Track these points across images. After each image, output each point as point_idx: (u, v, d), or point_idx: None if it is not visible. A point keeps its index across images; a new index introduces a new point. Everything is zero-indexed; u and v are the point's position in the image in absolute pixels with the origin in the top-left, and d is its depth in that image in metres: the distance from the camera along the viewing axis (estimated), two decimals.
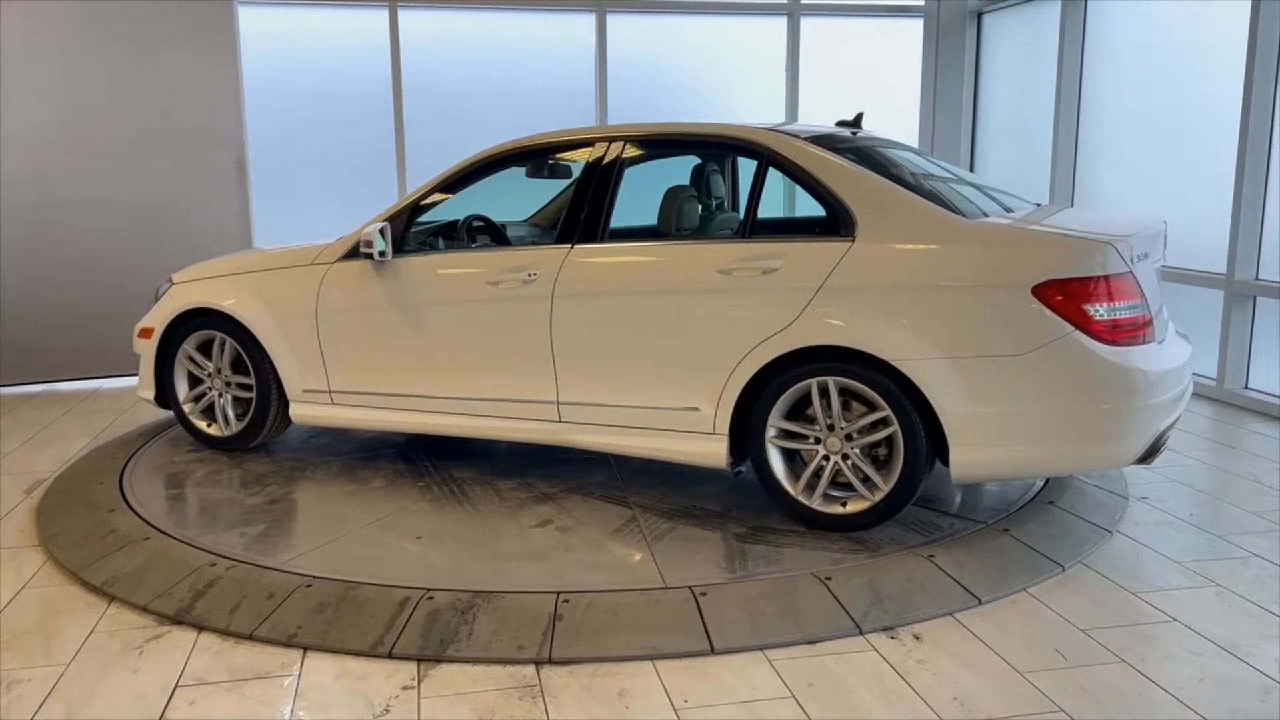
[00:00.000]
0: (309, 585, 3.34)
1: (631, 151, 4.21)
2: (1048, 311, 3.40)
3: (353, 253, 4.48)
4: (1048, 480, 4.32)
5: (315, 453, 4.97)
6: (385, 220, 4.41)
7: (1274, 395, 5.70)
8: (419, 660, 2.93)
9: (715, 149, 4.30)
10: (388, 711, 2.68)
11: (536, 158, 4.58)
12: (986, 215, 3.81)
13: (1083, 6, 7.21)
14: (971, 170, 8.73)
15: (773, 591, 3.29)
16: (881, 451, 3.70)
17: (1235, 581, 3.43)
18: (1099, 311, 3.41)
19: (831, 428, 3.70)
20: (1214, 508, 4.14)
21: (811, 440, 3.75)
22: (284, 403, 4.76)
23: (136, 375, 5.18)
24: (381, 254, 4.34)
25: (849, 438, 3.68)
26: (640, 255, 4.05)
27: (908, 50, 8.61)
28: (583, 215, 4.14)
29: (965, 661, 2.90)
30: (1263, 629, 3.09)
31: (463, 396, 4.33)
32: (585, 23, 8.10)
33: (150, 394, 5.01)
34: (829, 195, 3.78)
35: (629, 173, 4.25)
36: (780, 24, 8.42)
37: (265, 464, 4.78)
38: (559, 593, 3.26)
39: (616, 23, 8.13)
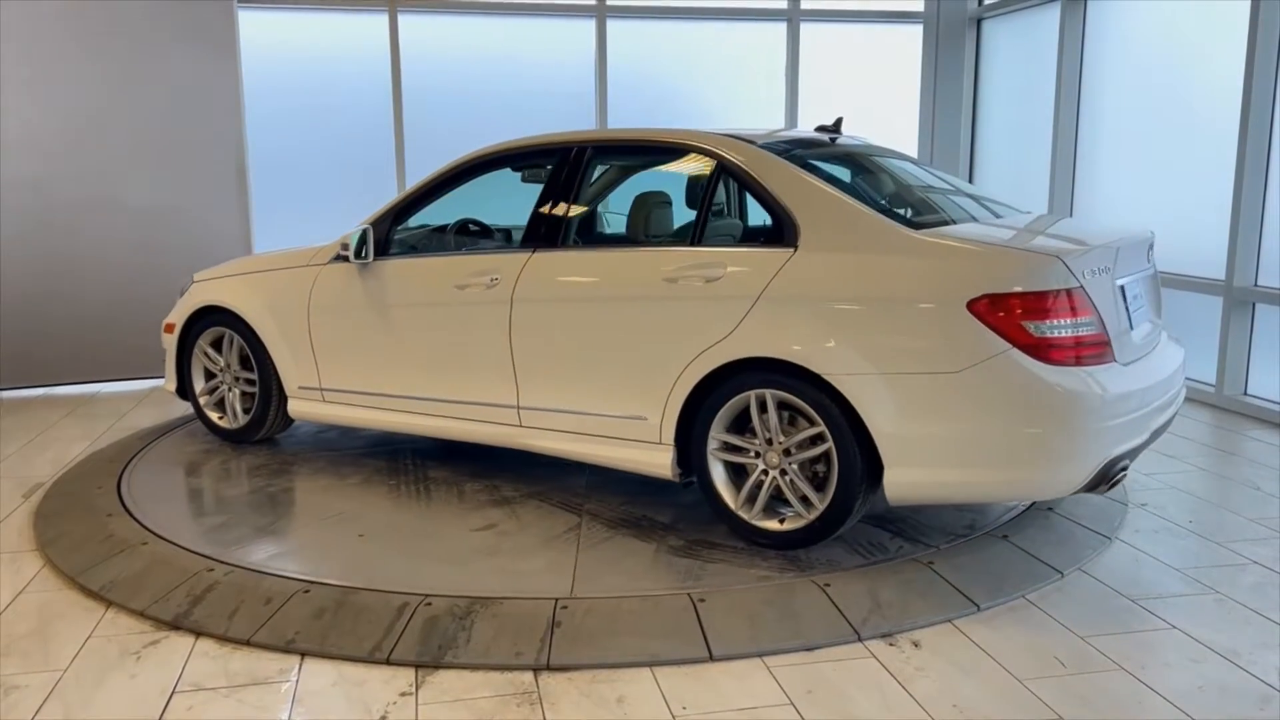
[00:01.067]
0: (307, 591, 3.33)
1: (592, 158, 4.24)
2: (983, 327, 3.23)
3: (341, 255, 4.63)
4: None
5: (316, 448, 5.08)
6: (369, 224, 4.54)
7: (1273, 402, 5.70)
8: (417, 666, 2.93)
9: (671, 155, 4.21)
10: (385, 718, 2.67)
11: (507, 163, 4.54)
12: (951, 223, 3.69)
13: (1082, 12, 7.23)
14: (971, 176, 8.74)
15: (771, 598, 3.28)
16: (821, 468, 3.56)
17: (1235, 589, 3.42)
18: (1039, 329, 3.22)
19: (770, 442, 3.59)
20: (1213, 514, 4.14)
21: (752, 454, 3.65)
22: (284, 399, 4.91)
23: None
24: (359, 256, 4.48)
25: (787, 453, 3.56)
26: (593, 261, 4.05)
27: (908, 56, 8.62)
28: (545, 221, 4.18)
29: (964, 668, 2.90)
30: (1263, 636, 3.09)
31: (432, 398, 4.42)
32: (585, 28, 8.11)
33: (173, 386, 5.26)
34: (774, 203, 3.69)
35: (630, 179, 4.32)
36: (780, 30, 8.44)
37: (262, 458, 4.92)
38: (557, 599, 3.26)
39: (617, 28, 8.14)
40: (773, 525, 3.63)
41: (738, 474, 3.72)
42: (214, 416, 5.16)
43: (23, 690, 2.81)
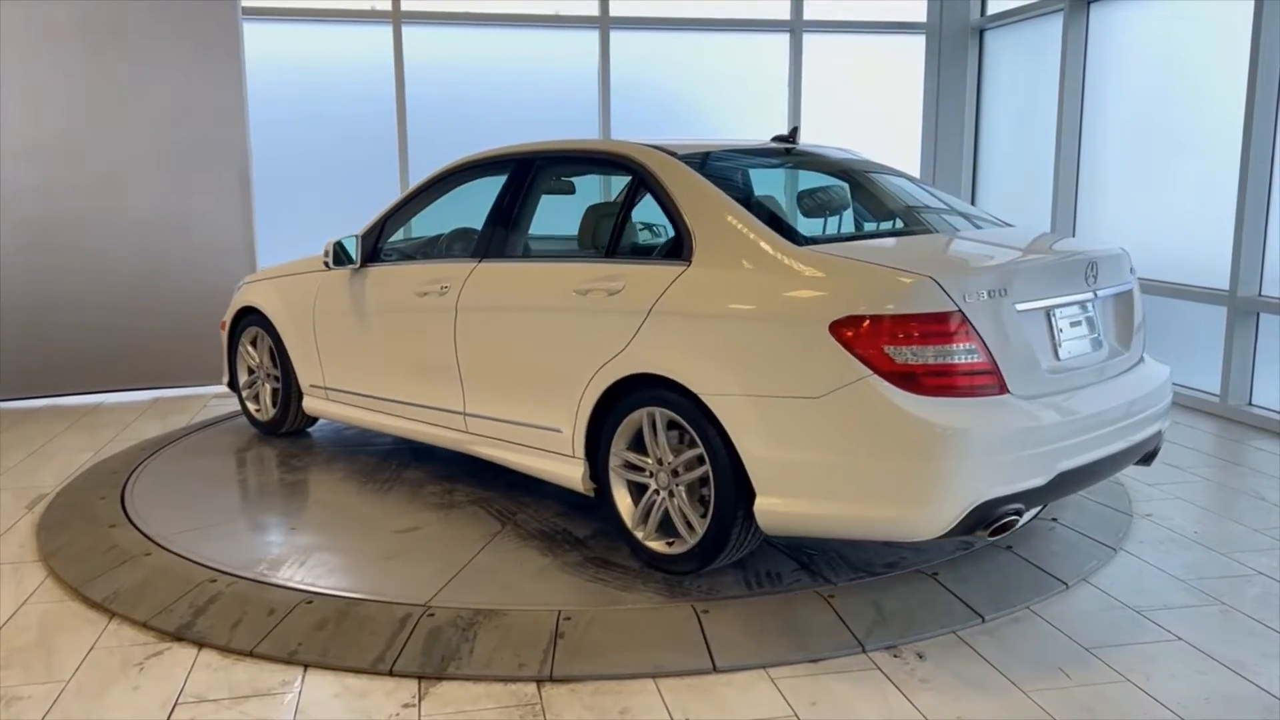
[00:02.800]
0: (309, 602, 3.33)
1: (534, 169, 4.30)
2: (843, 351, 3.03)
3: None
4: None
5: (333, 444, 5.38)
6: (360, 233, 4.80)
7: (1277, 412, 5.69)
8: (420, 678, 2.92)
9: (599, 165, 4.17)
10: None
11: (471, 175, 4.64)
12: (864, 239, 3.63)
13: (1084, 23, 7.24)
14: (973, 186, 8.74)
15: (775, 609, 3.27)
16: (707, 492, 3.39)
17: (1240, 600, 3.41)
18: (901, 355, 3.00)
19: (661, 462, 3.50)
20: (1218, 525, 4.13)
21: (647, 474, 3.56)
22: (301, 395, 5.25)
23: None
24: (338, 263, 4.76)
25: (675, 474, 3.46)
26: (522, 273, 4.11)
27: (910, 66, 8.64)
28: (491, 230, 4.28)
29: (969, 680, 2.89)
30: (1268, 647, 3.07)
31: (401, 400, 4.60)
32: (589, 39, 8.14)
33: (226, 380, 5.69)
34: (677, 216, 3.61)
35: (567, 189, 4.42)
36: (783, 40, 8.46)
37: (273, 449, 5.30)
38: (560, 610, 3.25)
39: (620, 39, 8.16)
40: (661, 547, 3.53)
41: (639, 492, 3.62)
42: (251, 408, 5.56)
43: (25, 701, 2.81)
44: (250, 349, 5.48)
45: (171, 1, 6.32)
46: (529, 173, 4.28)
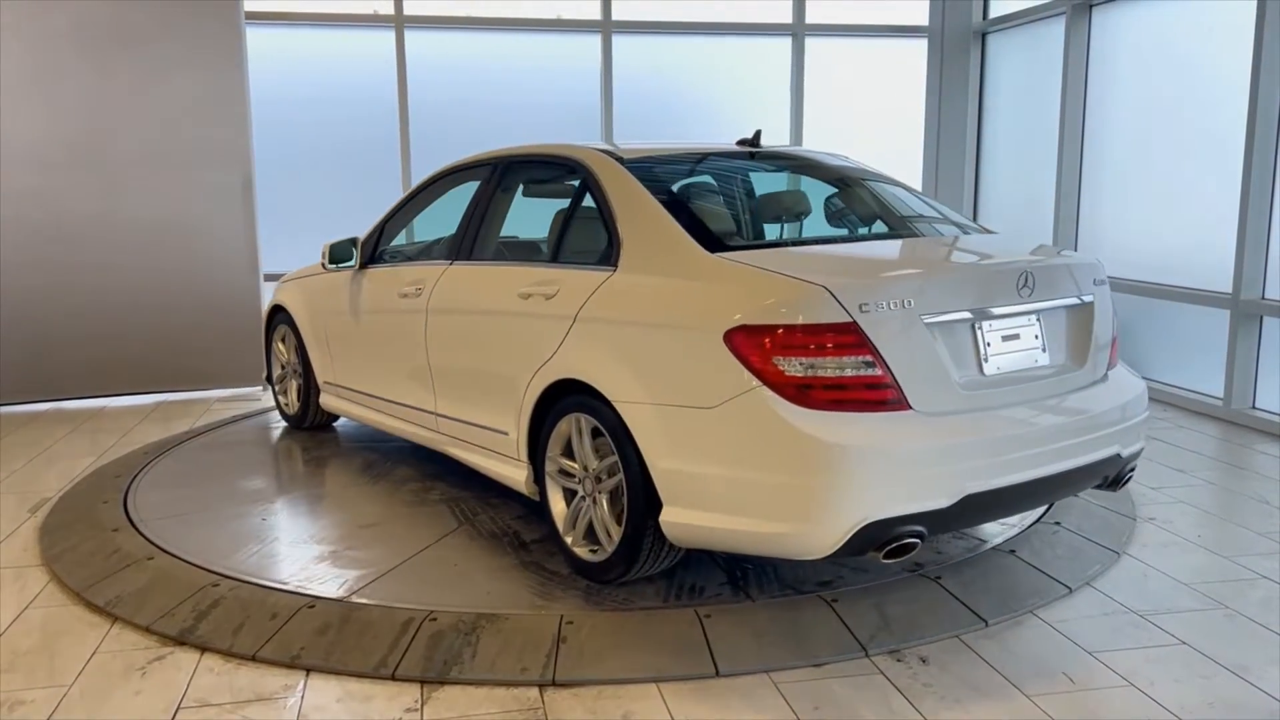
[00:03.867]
0: (312, 606, 3.32)
1: (501, 173, 4.36)
2: (735, 361, 2.97)
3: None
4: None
5: (347, 439, 5.55)
6: (363, 236, 4.98)
7: None
8: (422, 682, 2.92)
9: (554, 168, 4.15)
10: None
11: (454, 179, 4.74)
12: (795, 245, 3.57)
13: (1087, 26, 7.24)
14: (975, 190, 8.74)
15: (778, 614, 3.27)
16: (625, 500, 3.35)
17: (1244, 604, 3.40)
18: (791, 366, 2.91)
19: (586, 468, 3.49)
20: (1221, 529, 4.12)
21: (576, 480, 3.55)
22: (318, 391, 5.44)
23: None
24: (332, 263, 4.96)
25: (598, 480, 3.44)
26: (480, 275, 4.17)
27: (912, 70, 8.64)
28: (463, 233, 4.37)
29: (972, 684, 2.88)
30: (1272, 652, 3.07)
31: (388, 398, 4.74)
32: (591, 43, 8.15)
33: (264, 374, 6.04)
34: (610, 221, 3.59)
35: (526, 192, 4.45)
36: (785, 44, 8.46)
37: (275, 449, 5.43)
38: (563, 615, 3.25)
39: (622, 44, 8.17)
40: (585, 553, 3.51)
41: (571, 498, 3.62)
42: (281, 402, 5.81)
43: (28, 706, 2.81)
44: (281, 346, 5.72)
45: (175, 6, 6.33)
46: (494, 177, 4.37)
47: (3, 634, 3.25)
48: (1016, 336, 3.28)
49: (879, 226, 3.98)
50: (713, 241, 3.36)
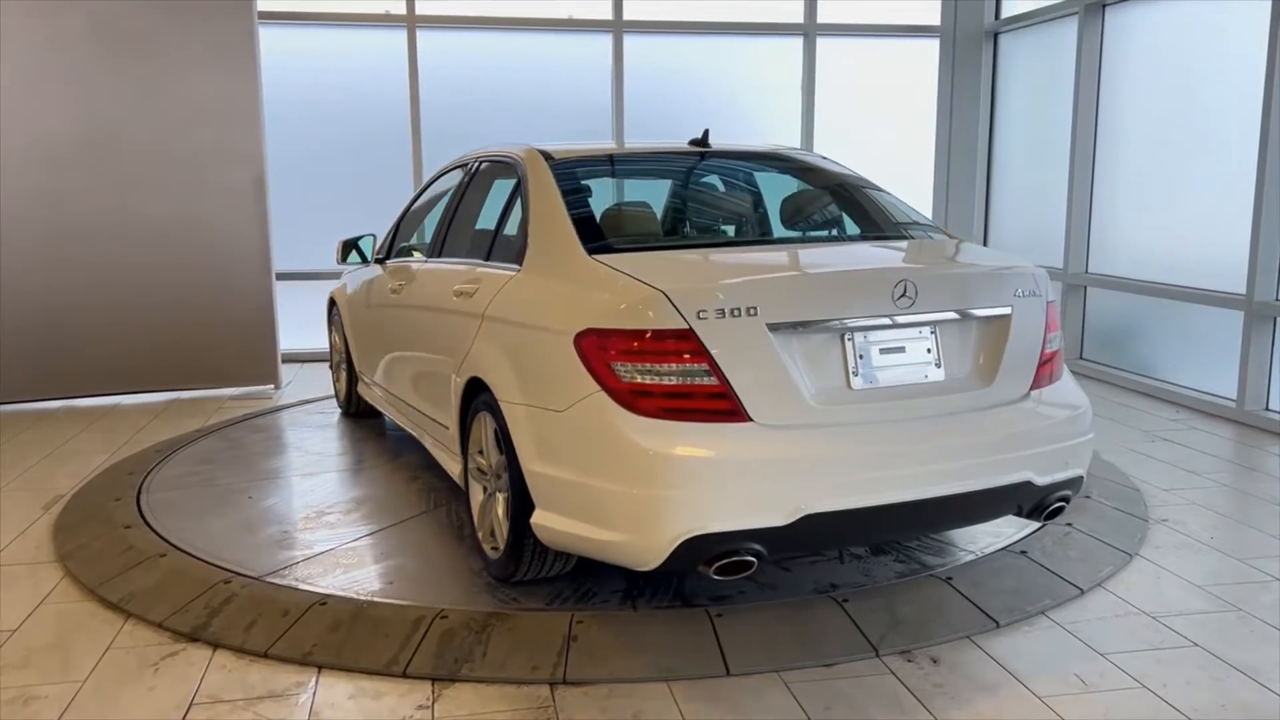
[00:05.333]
0: (323, 603, 3.34)
1: (473, 172, 4.46)
2: (580, 365, 2.94)
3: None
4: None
5: (370, 429, 5.81)
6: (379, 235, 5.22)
7: None
8: (433, 680, 2.93)
9: (502, 167, 4.14)
10: None
11: (446, 179, 4.89)
12: (687, 248, 3.57)
13: (1100, 26, 7.21)
14: (987, 190, 8.71)
15: (789, 614, 3.27)
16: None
17: (1257, 606, 3.39)
18: (627, 372, 2.86)
19: (490, 466, 3.51)
20: (1235, 531, 4.10)
21: (486, 477, 3.56)
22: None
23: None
24: (343, 260, 5.19)
25: (498, 477, 3.42)
26: (435, 273, 4.30)
27: (924, 70, 8.63)
28: (439, 233, 4.52)
29: (983, 685, 2.88)
30: None
31: (388, 389, 4.94)
32: (603, 43, 8.15)
33: (330, 362, 6.35)
34: (524, 220, 3.62)
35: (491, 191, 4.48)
36: (796, 44, 8.46)
37: (294, 439, 5.58)
38: (574, 613, 3.25)
39: (634, 44, 8.18)
40: (489, 550, 3.53)
41: (484, 494, 3.62)
42: (335, 389, 6.18)
43: (43, 701, 2.82)
44: (336, 337, 6.01)
45: (189, 6, 6.35)
46: (464, 177, 4.50)
47: (17, 630, 3.27)
48: (901, 349, 3.09)
49: (804, 229, 3.96)
50: (598, 243, 3.33)
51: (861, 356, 3.03)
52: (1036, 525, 4.01)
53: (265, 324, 6.75)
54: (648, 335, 2.86)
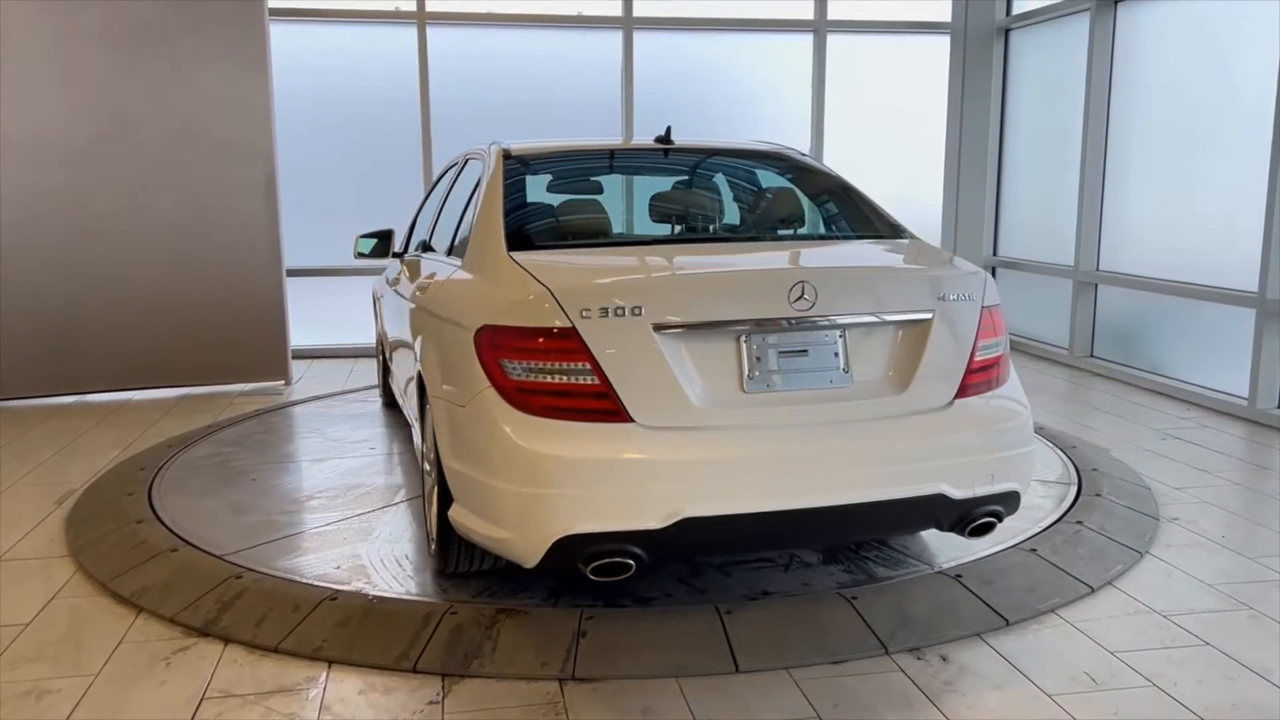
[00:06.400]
0: (333, 598, 3.35)
1: (460, 169, 4.53)
2: (476, 361, 2.97)
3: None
4: (1076, 499, 4.28)
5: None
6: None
7: None
8: (443, 675, 2.93)
9: (475, 164, 4.18)
10: None
11: (448, 175, 4.94)
12: (603, 246, 3.58)
13: (1111, 22, 7.18)
14: (999, 186, 8.68)
15: (798, 611, 3.27)
16: None
17: (1269, 605, 3.37)
18: (512, 370, 2.88)
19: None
20: (1246, 529, 4.08)
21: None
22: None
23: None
24: (357, 255, 5.14)
25: (435, 469, 3.44)
26: (418, 266, 4.37)
27: (935, 67, 8.60)
28: (429, 227, 4.62)
29: (993, 683, 2.87)
30: None
31: (395, 379, 4.99)
32: (613, 40, 8.15)
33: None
34: (474, 215, 3.65)
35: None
36: (807, 41, 8.44)
37: (310, 436, 5.47)
38: (583, 610, 3.26)
39: (644, 40, 8.17)
40: (430, 542, 3.58)
41: None
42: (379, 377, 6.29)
43: (55, 695, 2.84)
44: (377, 329, 6.10)
45: (200, 3, 6.37)
46: (455, 174, 4.58)
47: (30, 624, 3.29)
48: (804, 353, 3.01)
49: (746, 228, 3.99)
50: (521, 241, 3.36)
51: (759, 359, 2.96)
52: (1048, 523, 4.00)
53: (276, 320, 6.77)
54: (532, 333, 2.87)
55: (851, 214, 3.90)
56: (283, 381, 6.87)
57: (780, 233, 3.91)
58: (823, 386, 3.01)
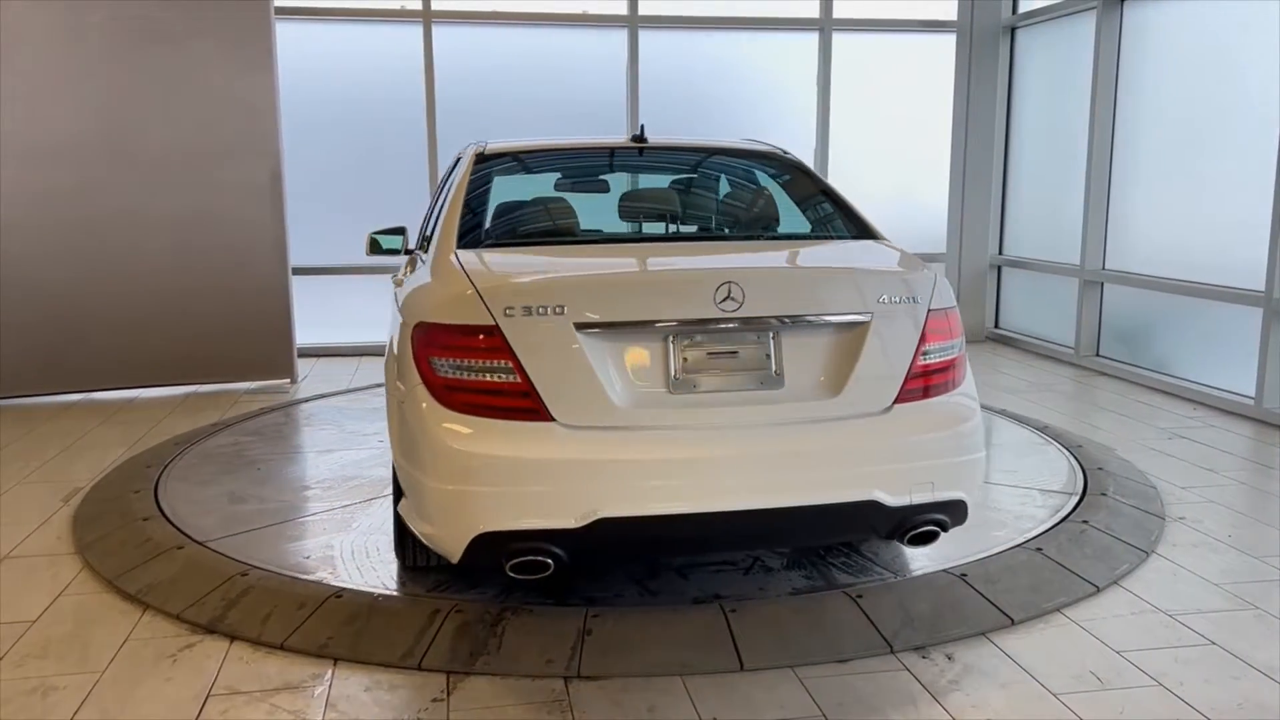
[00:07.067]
0: (339, 596, 3.35)
1: (448, 169, 4.51)
2: (412, 357, 3.01)
3: None
4: (1082, 498, 4.27)
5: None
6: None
7: None
8: (448, 673, 2.94)
9: (458, 162, 4.25)
10: None
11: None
12: (557, 244, 3.63)
13: (1118, 21, 7.17)
14: (1004, 186, 8.67)
15: (803, 609, 3.27)
16: None
17: (1275, 604, 3.37)
18: (442, 367, 2.90)
19: None
20: (1253, 529, 4.07)
21: None
22: None
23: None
24: (369, 254, 4.86)
25: None
26: (411, 264, 4.35)
27: (941, 66, 8.58)
28: (425, 225, 4.56)
29: (998, 682, 2.87)
30: None
31: None
32: (618, 39, 8.15)
33: None
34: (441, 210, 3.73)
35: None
36: (812, 39, 8.43)
37: (317, 433, 5.23)
38: (588, 608, 3.26)
39: (649, 39, 8.17)
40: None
41: None
42: None
43: (61, 691, 2.85)
44: None
45: (205, 1, 6.38)
46: (447, 172, 4.53)
47: (37, 621, 3.30)
48: (734, 354, 2.96)
49: (685, 228, 4.02)
50: (470, 238, 3.42)
51: (685, 360, 2.94)
52: (1054, 521, 4.00)
53: (281, 318, 6.78)
54: (458, 330, 2.89)
55: (820, 214, 3.86)
56: (288, 380, 6.88)
57: (740, 232, 3.90)
58: (752, 388, 2.96)
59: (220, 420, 5.84)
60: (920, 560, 3.63)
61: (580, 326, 2.86)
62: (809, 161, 8.47)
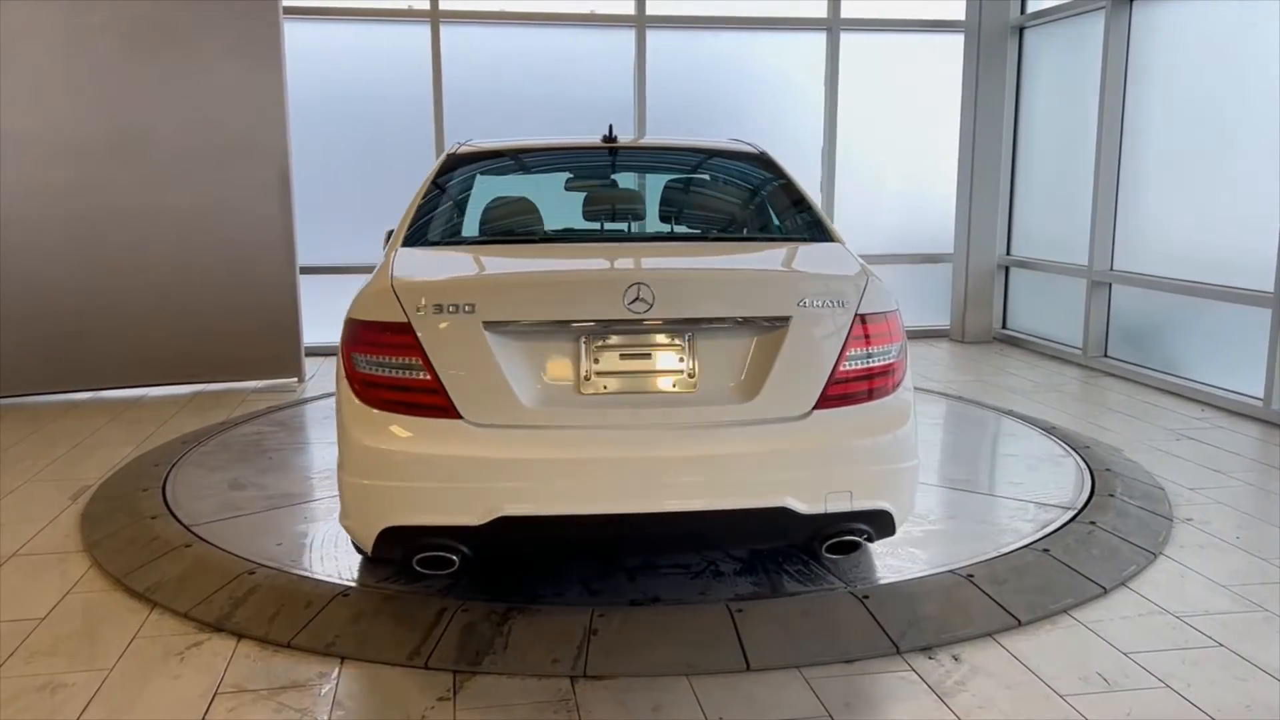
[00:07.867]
0: (346, 594, 3.36)
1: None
2: (342, 353, 3.06)
3: None
4: (1090, 499, 4.26)
5: None
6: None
7: None
8: (455, 672, 2.94)
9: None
10: None
11: None
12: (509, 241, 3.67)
13: (1127, 21, 7.15)
14: (1012, 186, 8.65)
15: (809, 609, 3.26)
16: None
17: None
18: (358, 363, 2.97)
19: None
20: (1261, 530, 4.06)
21: None
22: None
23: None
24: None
25: None
26: None
27: (949, 66, 8.57)
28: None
29: (1005, 683, 2.87)
30: None
31: None
32: (625, 38, 8.15)
33: None
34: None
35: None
36: (820, 39, 8.42)
37: (324, 431, 5.17)
38: (594, 607, 3.26)
39: (656, 38, 8.17)
40: None
41: None
42: None
43: (69, 689, 2.86)
44: None
45: (214, 2, 6.39)
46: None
47: (45, 618, 3.31)
48: (646, 356, 2.97)
49: (648, 228, 4.05)
50: (417, 237, 3.45)
51: (596, 361, 2.95)
52: (1061, 522, 3.99)
53: (289, 317, 6.80)
54: (374, 327, 2.96)
55: (780, 214, 3.82)
56: (296, 379, 6.89)
57: (694, 232, 3.93)
58: (663, 390, 2.97)
59: (228, 419, 5.85)
60: (923, 562, 3.63)
61: (489, 325, 2.90)
62: (816, 160, 8.51)
